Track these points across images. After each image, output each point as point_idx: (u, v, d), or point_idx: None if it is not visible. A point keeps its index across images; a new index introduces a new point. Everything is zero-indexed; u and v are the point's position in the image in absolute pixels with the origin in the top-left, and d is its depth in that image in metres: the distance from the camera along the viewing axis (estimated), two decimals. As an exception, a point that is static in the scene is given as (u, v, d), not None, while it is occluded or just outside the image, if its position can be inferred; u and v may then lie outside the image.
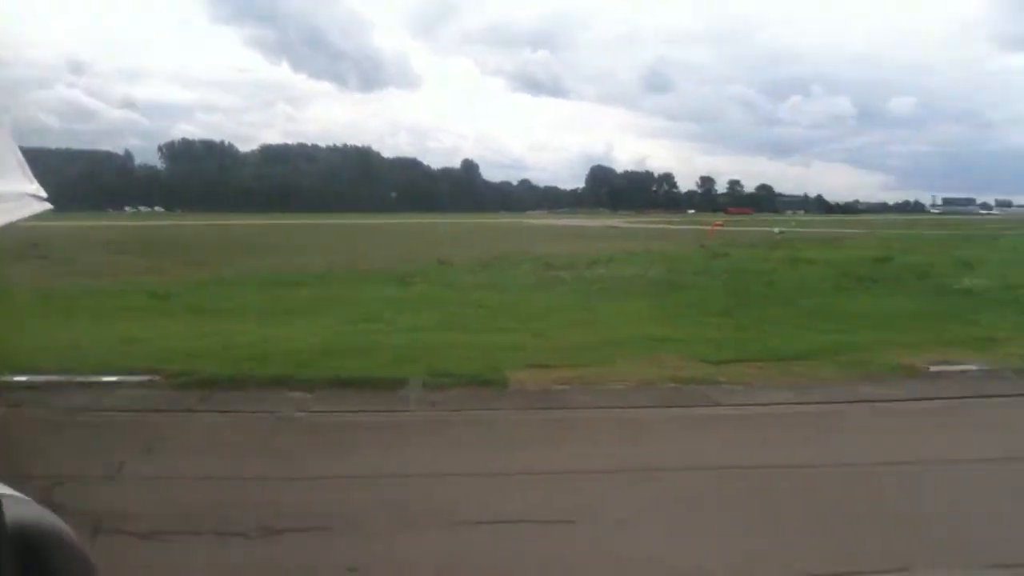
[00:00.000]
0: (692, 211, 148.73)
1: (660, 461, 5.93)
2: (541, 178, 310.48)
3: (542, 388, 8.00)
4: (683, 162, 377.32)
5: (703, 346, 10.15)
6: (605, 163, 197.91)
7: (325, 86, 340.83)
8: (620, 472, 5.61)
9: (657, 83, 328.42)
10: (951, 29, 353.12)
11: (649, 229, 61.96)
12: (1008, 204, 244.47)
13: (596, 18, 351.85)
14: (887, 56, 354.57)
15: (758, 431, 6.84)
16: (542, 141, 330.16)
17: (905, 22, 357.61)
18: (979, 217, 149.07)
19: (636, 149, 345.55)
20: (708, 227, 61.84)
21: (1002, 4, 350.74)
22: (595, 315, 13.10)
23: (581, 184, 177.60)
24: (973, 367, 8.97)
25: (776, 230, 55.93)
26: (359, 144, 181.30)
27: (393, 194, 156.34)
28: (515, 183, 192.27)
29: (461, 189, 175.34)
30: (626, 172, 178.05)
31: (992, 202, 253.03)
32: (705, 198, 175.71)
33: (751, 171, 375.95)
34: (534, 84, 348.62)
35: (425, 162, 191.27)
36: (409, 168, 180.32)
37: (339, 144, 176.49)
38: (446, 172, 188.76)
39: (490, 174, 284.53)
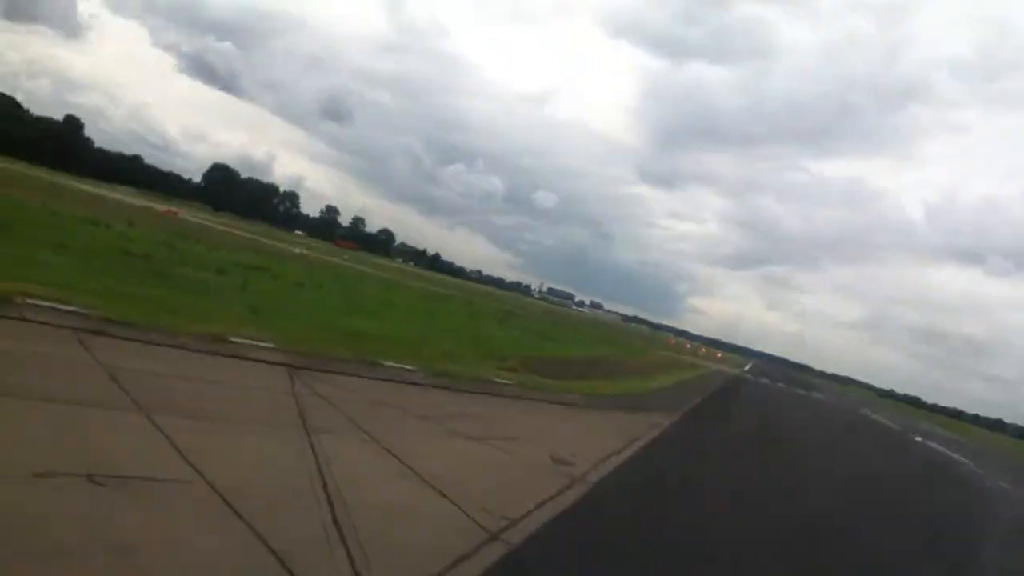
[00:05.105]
0: (300, 232, 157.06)
1: None
2: (171, 163, 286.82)
3: None
4: (338, 191, 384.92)
5: None
6: (257, 172, 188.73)
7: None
8: None
9: (334, 110, 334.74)
10: (604, 150, 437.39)
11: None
12: (599, 306, 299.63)
13: (294, 30, 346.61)
14: (545, 151, 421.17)
15: None
16: (200, 130, 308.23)
17: (568, 129, 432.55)
18: (566, 309, 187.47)
19: (295, 167, 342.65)
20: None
21: (648, 144, 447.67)
22: None
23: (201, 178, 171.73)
24: None
25: (296, 250, 65.05)
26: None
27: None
28: (129, 156, 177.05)
29: (60, 145, 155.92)
30: (249, 179, 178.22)
31: (587, 302, 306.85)
32: (323, 225, 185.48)
33: (402, 221, 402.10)
34: (209, 73, 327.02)
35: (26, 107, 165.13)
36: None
37: None
38: (42, 121, 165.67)
39: (116, 143, 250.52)
